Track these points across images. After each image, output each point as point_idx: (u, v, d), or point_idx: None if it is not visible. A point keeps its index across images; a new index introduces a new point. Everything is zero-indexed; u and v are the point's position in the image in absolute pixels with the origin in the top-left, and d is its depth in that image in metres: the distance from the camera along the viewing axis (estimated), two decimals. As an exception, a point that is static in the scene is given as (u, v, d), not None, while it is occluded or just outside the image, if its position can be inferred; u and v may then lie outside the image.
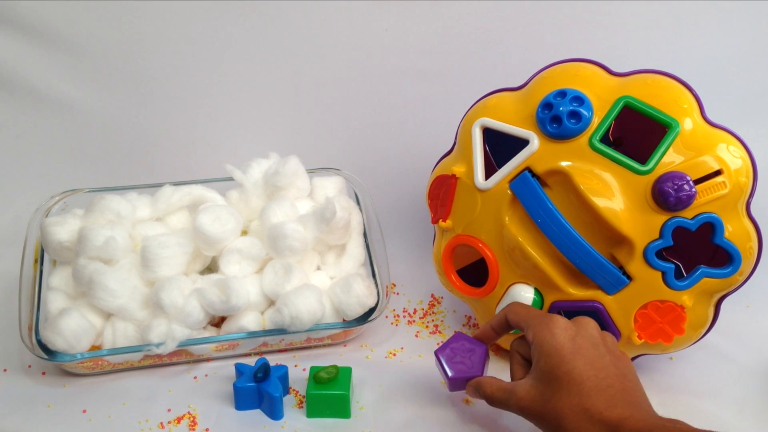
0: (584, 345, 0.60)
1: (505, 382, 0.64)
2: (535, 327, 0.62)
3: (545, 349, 0.60)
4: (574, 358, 0.59)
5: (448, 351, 0.68)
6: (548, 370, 0.60)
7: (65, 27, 0.94)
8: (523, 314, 0.64)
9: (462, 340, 0.69)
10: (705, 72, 0.92)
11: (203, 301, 0.74)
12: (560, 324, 0.61)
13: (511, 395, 0.62)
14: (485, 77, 0.93)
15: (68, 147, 0.98)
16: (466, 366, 0.67)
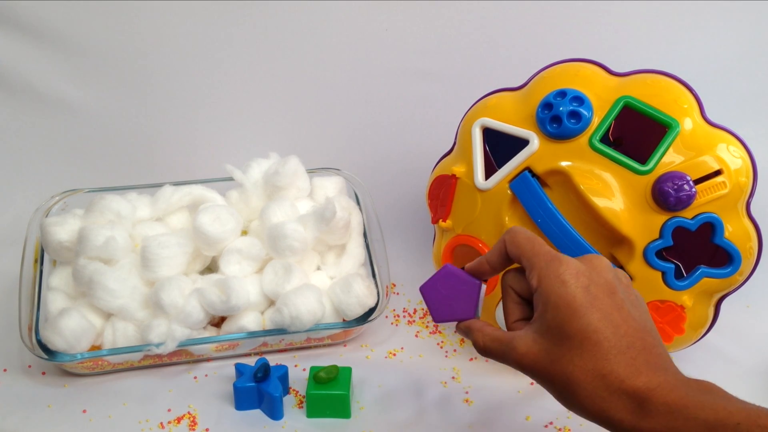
0: (600, 295, 0.50)
1: (501, 332, 0.54)
2: (541, 270, 0.52)
3: (553, 300, 0.50)
4: (588, 313, 0.49)
5: (434, 288, 0.58)
6: (556, 325, 0.50)
7: (65, 27, 0.94)
8: (527, 249, 0.53)
9: (451, 275, 0.57)
10: (705, 72, 0.92)
11: (203, 301, 0.74)
12: (571, 269, 0.51)
13: (508, 349, 0.53)
14: (485, 77, 0.93)
15: (68, 147, 0.98)
16: (455, 306, 0.57)
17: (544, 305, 0.51)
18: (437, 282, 0.57)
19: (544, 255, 0.52)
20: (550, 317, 0.50)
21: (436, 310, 0.58)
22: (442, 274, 0.57)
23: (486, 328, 0.55)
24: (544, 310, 0.51)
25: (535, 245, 0.53)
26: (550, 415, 0.72)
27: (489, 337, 0.55)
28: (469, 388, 0.75)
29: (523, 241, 0.54)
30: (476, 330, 0.56)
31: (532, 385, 0.76)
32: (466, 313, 0.57)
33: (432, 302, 0.58)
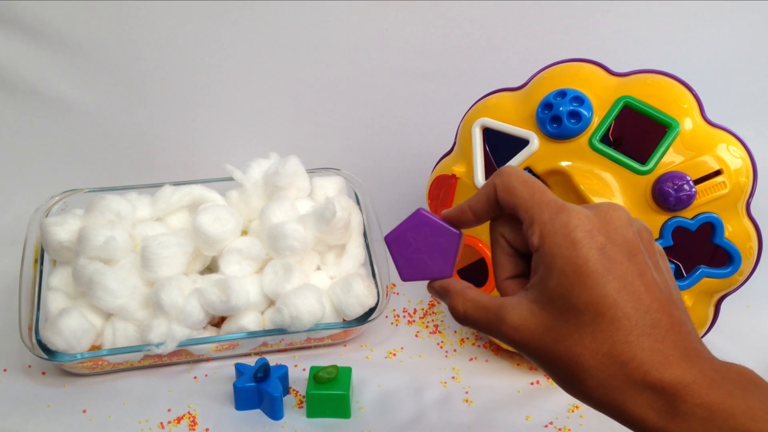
0: (618, 257, 0.41)
1: (487, 297, 0.45)
2: (545, 225, 0.42)
3: (559, 264, 0.41)
4: (604, 281, 0.40)
5: (403, 238, 0.48)
6: (562, 295, 0.41)
7: (65, 27, 0.94)
8: (524, 197, 0.43)
9: (425, 223, 0.47)
10: (705, 72, 0.92)
11: (203, 301, 0.74)
12: (583, 223, 0.41)
13: (497, 320, 0.43)
14: (485, 77, 0.93)
15: (68, 147, 0.98)
16: (428, 262, 0.48)
17: (548, 269, 0.41)
18: (407, 231, 0.48)
19: (547, 205, 0.42)
20: (555, 285, 0.41)
21: (404, 266, 0.48)
22: (413, 221, 0.47)
23: (468, 292, 0.46)
24: (547, 276, 0.41)
25: (535, 192, 0.43)
26: (550, 415, 0.72)
27: (472, 303, 0.45)
28: (469, 388, 0.75)
29: (520, 186, 0.43)
30: (455, 293, 0.46)
31: (533, 385, 0.76)
32: (442, 270, 0.48)
33: (399, 256, 0.48)
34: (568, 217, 0.41)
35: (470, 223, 0.47)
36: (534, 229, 0.42)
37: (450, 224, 0.47)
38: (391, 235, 0.48)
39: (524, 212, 0.43)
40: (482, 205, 0.46)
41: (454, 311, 0.46)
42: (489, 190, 0.45)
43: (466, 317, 0.45)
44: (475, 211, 0.46)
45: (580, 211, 0.42)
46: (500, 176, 0.44)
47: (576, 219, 0.41)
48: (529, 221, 0.43)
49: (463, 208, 0.47)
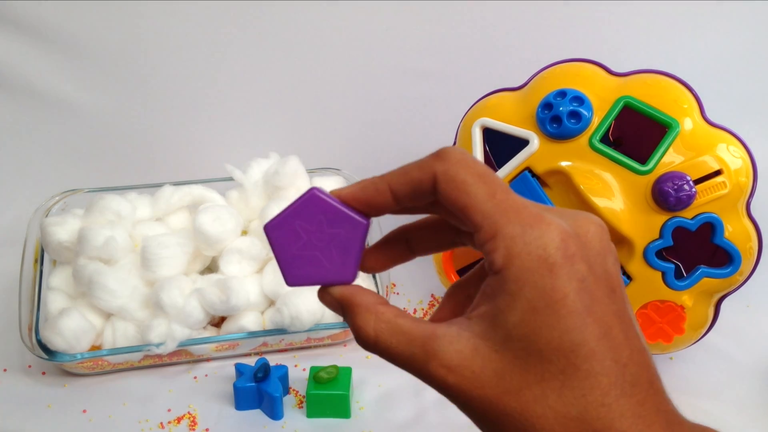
0: (598, 294, 0.32)
1: (410, 320, 0.34)
2: (513, 241, 0.31)
3: (528, 297, 0.31)
4: (582, 324, 0.31)
5: (289, 227, 0.36)
6: (527, 335, 0.31)
7: (65, 27, 0.94)
8: (481, 195, 0.32)
9: (320, 208, 0.36)
10: (705, 72, 0.92)
11: (203, 301, 0.74)
12: (565, 246, 0.31)
13: (425, 354, 0.33)
14: (485, 77, 0.93)
15: (68, 147, 0.98)
16: (323, 260, 0.36)
17: (511, 299, 0.31)
18: (295, 219, 0.36)
19: (517, 212, 0.32)
20: (518, 321, 0.31)
21: (289, 265, 0.36)
22: (303, 205, 0.36)
23: (383, 309, 0.35)
24: (508, 307, 0.31)
25: (497, 191, 0.32)
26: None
27: (388, 326, 0.34)
28: (469, 388, 0.75)
29: (474, 180, 0.32)
30: (364, 308, 0.35)
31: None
32: (342, 272, 0.36)
33: (283, 252, 0.36)
34: (546, 233, 0.31)
35: (386, 210, 0.35)
36: (497, 244, 0.32)
37: (355, 210, 0.36)
38: (273, 223, 0.36)
39: (481, 218, 0.32)
40: (408, 190, 0.34)
41: (361, 332, 0.34)
42: (423, 175, 0.33)
43: (377, 343, 0.34)
44: (397, 195, 0.34)
45: (559, 226, 0.32)
46: (443, 162, 0.33)
47: (557, 237, 0.31)
48: (489, 232, 0.32)
49: (379, 187, 0.34)
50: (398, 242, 0.38)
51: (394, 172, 0.34)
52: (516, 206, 0.32)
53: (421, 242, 0.38)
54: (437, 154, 0.33)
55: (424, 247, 0.38)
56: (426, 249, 0.38)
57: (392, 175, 0.34)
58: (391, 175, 0.34)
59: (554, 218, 0.32)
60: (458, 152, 0.33)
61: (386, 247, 0.38)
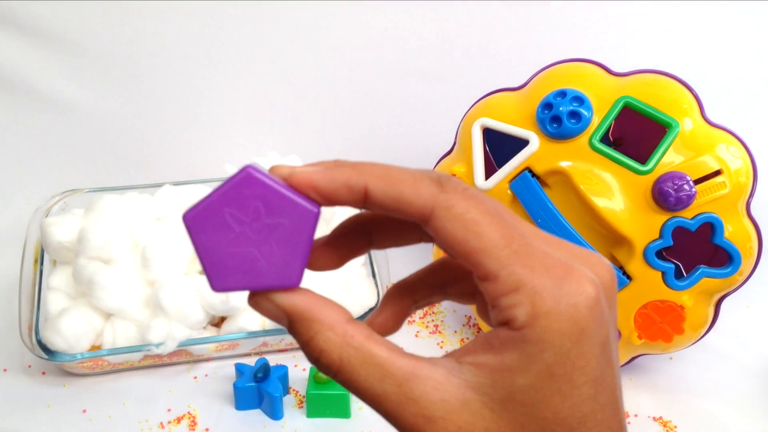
0: (611, 356, 0.29)
1: (386, 346, 0.29)
2: (542, 298, 0.27)
3: (549, 362, 0.28)
4: (595, 393, 0.28)
5: (215, 216, 0.29)
6: (535, 402, 0.28)
7: (65, 27, 0.94)
8: (497, 240, 0.28)
9: (256, 191, 0.29)
10: (705, 72, 0.92)
11: (203, 301, 0.74)
12: (592, 309, 0.28)
13: (401, 396, 0.28)
14: (485, 77, 0.93)
15: (68, 147, 0.98)
16: (259, 261, 0.29)
17: (527, 361, 0.28)
18: (223, 204, 0.28)
19: (541, 260, 0.28)
20: (527, 384, 0.28)
21: (218, 264, 0.29)
22: (234, 186, 0.28)
23: (351, 330, 0.29)
24: (519, 367, 0.28)
25: (514, 236, 0.28)
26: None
27: (359, 355, 0.29)
28: (469, 388, 0.75)
29: (487, 221, 0.28)
30: (328, 326, 0.29)
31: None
32: (284, 274, 0.29)
33: (209, 249, 0.29)
34: (578, 290, 0.27)
35: (346, 206, 0.29)
36: (519, 299, 0.27)
37: (301, 195, 0.29)
38: (194, 212, 0.28)
39: (497, 266, 0.28)
40: (390, 205, 0.29)
41: (322, 356, 0.29)
42: (418, 200, 0.28)
43: (340, 372, 0.29)
44: (372, 202, 0.29)
45: (590, 280, 0.28)
46: (447, 193, 0.28)
47: (591, 294, 0.28)
48: (509, 284, 0.28)
49: (353, 184, 0.29)
50: (357, 235, 0.32)
51: (379, 175, 0.29)
52: (538, 254, 0.28)
53: (386, 236, 0.32)
54: (439, 182, 0.28)
55: (389, 240, 0.32)
56: (389, 243, 0.32)
57: (375, 177, 0.29)
58: (374, 178, 0.29)
59: (582, 269, 0.28)
60: (462, 183, 0.29)
61: (341, 241, 0.32)
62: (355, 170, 0.29)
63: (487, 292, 0.28)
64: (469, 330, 0.84)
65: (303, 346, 0.29)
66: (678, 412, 0.72)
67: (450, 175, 0.29)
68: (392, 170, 0.29)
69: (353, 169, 0.29)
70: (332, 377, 0.29)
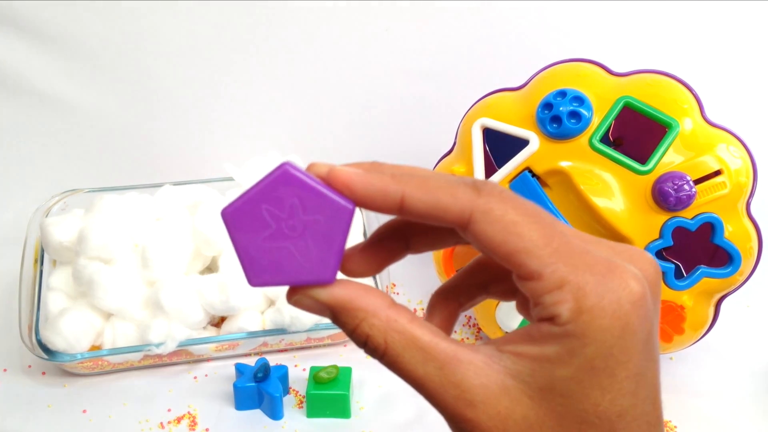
0: (653, 353, 0.30)
1: (426, 328, 0.30)
2: (585, 294, 0.28)
3: (590, 356, 0.28)
4: (636, 388, 0.29)
5: (254, 213, 0.29)
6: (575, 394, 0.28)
7: (65, 27, 0.94)
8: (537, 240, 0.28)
9: (295, 188, 0.29)
10: (705, 72, 0.92)
11: (203, 301, 0.74)
12: (636, 305, 0.28)
13: (443, 378, 0.29)
14: (485, 77, 0.93)
15: (68, 147, 0.98)
16: (295, 256, 0.29)
17: (567, 353, 0.28)
18: (261, 200, 0.29)
19: (583, 258, 0.28)
20: (568, 375, 0.28)
21: (253, 261, 0.29)
22: (273, 183, 0.29)
23: (394, 314, 0.30)
24: (560, 360, 0.28)
25: (554, 235, 0.28)
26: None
27: (402, 338, 0.29)
28: (469, 388, 0.75)
29: (526, 221, 0.28)
30: (372, 313, 0.30)
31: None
32: (319, 269, 0.29)
33: (246, 245, 0.29)
34: (621, 286, 0.28)
35: (380, 212, 0.30)
36: (563, 296, 0.28)
37: (337, 192, 0.30)
38: (233, 208, 0.29)
39: (539, 265, 0.28)
40: (427, 213, 0.29)
41: (369, 341, 0.30)
42: (455, 205, 0.29)
43: (385, 354, 0.30)
44: (408, 210, 0.29)
45: (634, 276, 0.28)
46: (484, 196, 0.29)
47: (635, 289, 0.28)
48: (553, 281, 0.28)
49: (390, 192, 0.29)
50: (394, 240, 0.33)
51: (416, 184, 0.29)
52: (579, 251, 0.28)
53: (423, 240, 0.33)
54: (475, 187, 0.29)
55: (426, 245, 0.33)
56: (426, 247, 0.33)
57: (412, 186, 0.29)
58: (411, 186, 0.29)
59: (625, 265, 0.29)
60: (498, 186, 0.29)
61: (378, 247, 0.33)
62: (393, 178, 0.29)
63: (530, 291, 0.29)
64: (469, 330, 0.84)
65: (350, 334, 0.30)
66: (678, 412, 0.72)
67: (485, 180, 0.30)
68: (429, 178, 0.29)
69: (391, 177, 0.30)
70: (379, 360, 0.30)
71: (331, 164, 0.31)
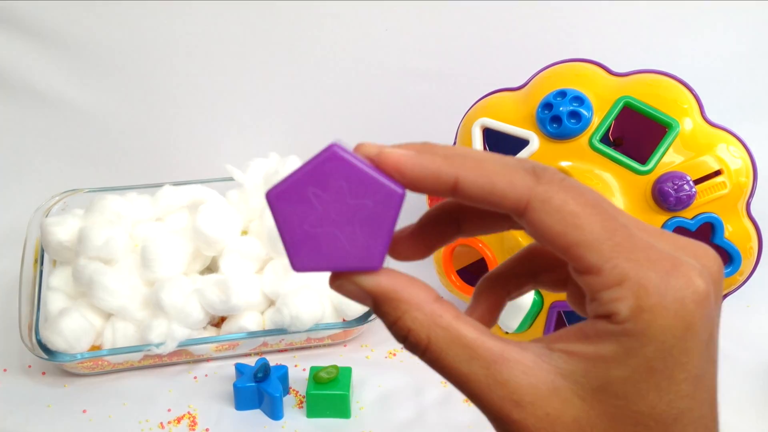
0: (714, 354, 0.29)
1: (471, 324, 0.29)
2: (647, 291, 0.26)
3: (649, 356, 0.27)
4: (694, 390, 0.28)
5: (300, 196, 0.28)
6: (630, 394, 0.27)
7: (65, 27, 0.94)
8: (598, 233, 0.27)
9: (342, 171, 0.28)
10: (705, 72, 0.92)
11: (203, 301, 0.74)
12: (700, 305, 0.27)
13: (489, 377, 0.28)
14: (485, 77, 0.93)
15: (68, 147, 0.98)
16: (342, 242, 0.28)
17: (624, 353, 0.27)
18: (307, 183, 0.28)
19: (646, 254, 0.27)
20: (625, 376, 0.27)
21: (299, 244, 0.28)
22: (319, 165, 0.28)
23: (439, 309, 0.29)
24: (616, 359, 0.27)
25: (616, 228, 0.27)
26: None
27: (446, 334, 0.28)
28: (469, 388, 0.75)
29: (587, 213, 0.27)
30: (416, 306, 0.29)
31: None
32: (366, 255, 0.28)
33: (291, 228, 0.28)
34: (685, 285, 0.27)
35: (432, 195, 0.28)
36: (622, 293, 0.27)
37: (387, 176, 0.28)
38: (279, 190, 0.28)
39: (600, 259, 0.27)
40: (482, 197, 0.28)
41: (410, 335, 0.29)
42: (512, 191, 0.27)
43: (427, 350, 0.29)
44: (462, 193, 0.28)
45: (699, 273, 0.27)
46: (544, 184, 0.27)
47: (699, 288, 0.27)
48: (613, 277, 0.27)
49: (443, 174, 0.28)
50: (445, 223, 0.32)
51: (471, 167, 0.28)
52: (642, 246, 0.27)
53: (476, 223, 0.31)
54: (534, 173, 0.27)
55: (479, 228, 0.32)
56: (479, 230, 0.32)
57: (466, 168, 0.28)
58: (466, 169, 0.28)
59: (690, 261, 0.27)
60: (559, 174, 0.28)
61: (429, 230, 0.32)
62: (446, 160, 0.28)
63: (588, 286, 0.27)
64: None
65: (390, 326, 0.29)
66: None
67: (545, 165, 0.28)
68: (485, 161, 0.28)
69: (444, 159, 0.28)
70: (420, 356, 0.29)
71: (381, 145, 0.29)
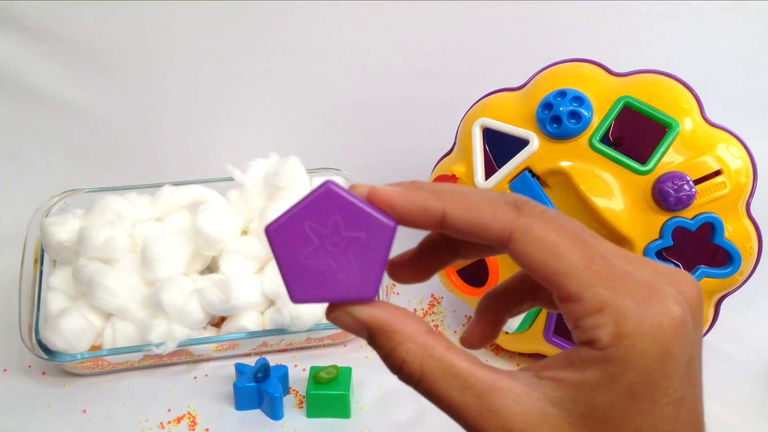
0: (695, 377, 0.30)
1: (463, 355, 0.30)
2: (626, 318, 0.28)
3: (630, 381, 0.28)
4: (677, 413, 0.29)
5: (296, 230, 0.30)
6: (615, 419, 0.28)
7: (65, 27, 0.94)
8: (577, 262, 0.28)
9: (337, 206, 0.30)
10: (705, 72, 0.92)
11: (203, 301, 0.74)
12: (677, 330, 0.28)
13: (481, 407, 0.29)
14: (485, 77, 0.93)
15: (68, 147, 0.98)
16: (337, 273, 0.30)
17: (608, 378, 0.28)
18: (304, 217, 0.30)
19: (623, 280, 0.28)
20: (609, 401, 0.28)
21: (295, 277, 0.30)
22: (315, 200, 0.29)
23: (432, 341, 0.30)
24: (600, 385, 0.28)
25: (595, 258, 0.28)
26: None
27: (439, 366, 0.30)
28: (469, 388, 0.75)
29: (567, 243, 0.28)
30: (409, 338, 0.30)
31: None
32: (360, 286, 0.30)
33: (288, 261, 0.30)
34: (662, 311, 0.28)
35: (420, 229, 0.30)
36: (602, 320, 0.28)
37: (379, 210, 0.30)
38: (277, 224, 0.30)
39: (579, 287, 0.28)
40: (467, 230, 0.29)
41: (405, 367, 0.30)
42: (496, 224, 0.29)
43: (422, 379, 0.29)
44: (449, 226, 0.30)
45: (675, 300, 0.28)
46: (525, 216, 0.29)
47: (676, 313, 0.28)
48: (592, 305, 0.28)
49: (431, 208, 0.29)
50: (443, 247, 0.33)
51: (456, 200, 0.29)
52: (620, 274, 0.28)
53: (472, 247, 0.33)
54: (516, 206, 0.29)
55: (475, 252, 0.33)
56: (476, 254, 0.33)
57: (453, 202, 0.29)
58: (452, 203, 0.29)
59: (666, 288, 0.28)
60: (540, 206, 0.30)
61: (427, 254, 0.33)
62: (434, 195, 0.30)
63: (570, 313, 0.29)
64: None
65: (384, 357, 0.30)
66: (678, 412, 0.72)
67: (527, 198, 0.30)
68: (470, 195, 0.30)
69: (432, 194, 0.30)
70: (414, 387, 0.30)
71: (371, 185, 0.30)
